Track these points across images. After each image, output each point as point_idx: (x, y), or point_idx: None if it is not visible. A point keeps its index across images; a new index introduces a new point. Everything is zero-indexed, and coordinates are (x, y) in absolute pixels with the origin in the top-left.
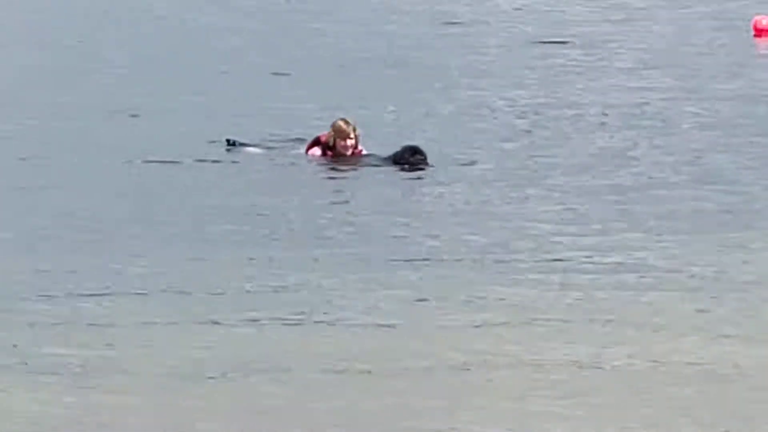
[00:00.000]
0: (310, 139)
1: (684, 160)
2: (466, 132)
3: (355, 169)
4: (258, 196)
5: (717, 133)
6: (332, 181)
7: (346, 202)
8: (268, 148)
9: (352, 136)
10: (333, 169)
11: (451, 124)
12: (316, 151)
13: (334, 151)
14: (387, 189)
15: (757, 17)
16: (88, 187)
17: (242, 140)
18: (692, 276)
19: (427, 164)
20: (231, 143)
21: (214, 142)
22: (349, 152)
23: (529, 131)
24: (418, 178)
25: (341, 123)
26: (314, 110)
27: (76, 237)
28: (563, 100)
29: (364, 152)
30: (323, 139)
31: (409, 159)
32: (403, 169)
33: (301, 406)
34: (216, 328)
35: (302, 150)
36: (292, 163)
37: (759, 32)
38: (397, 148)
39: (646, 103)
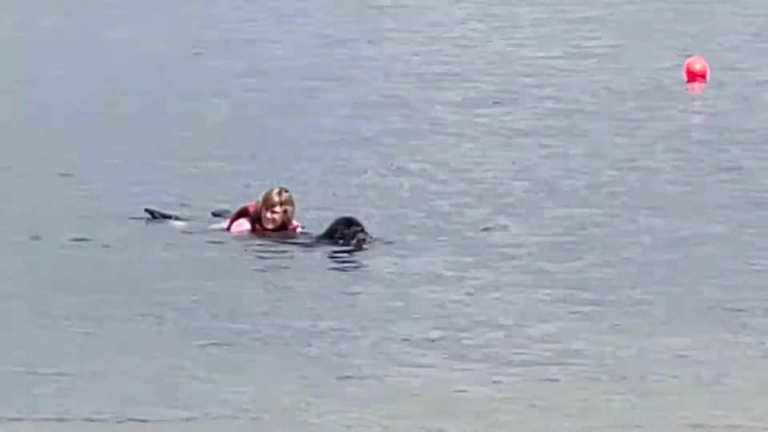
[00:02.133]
0: (234, 211)
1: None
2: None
3: (286, 246)
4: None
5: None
6: (256, 261)
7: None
8: (189, 220)
9: (278, 209)
10: (263, 246)
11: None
12: (244, 224)
13: (261, 224)
14: (318, 278)
15: (690, 60)
16: None
17: (162, 211)
18: None
19: (365, 236)
20: (152, 214)
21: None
22: (270, 226)
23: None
24: (353, 257)
25: (273, 191)
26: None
27: None
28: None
29: (300, 230)
30: (252, 210)
31: (344, 232)
32: (339, 245)
33: None
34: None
35: (225, 224)
36: (215, 241)
37: (692, 77)
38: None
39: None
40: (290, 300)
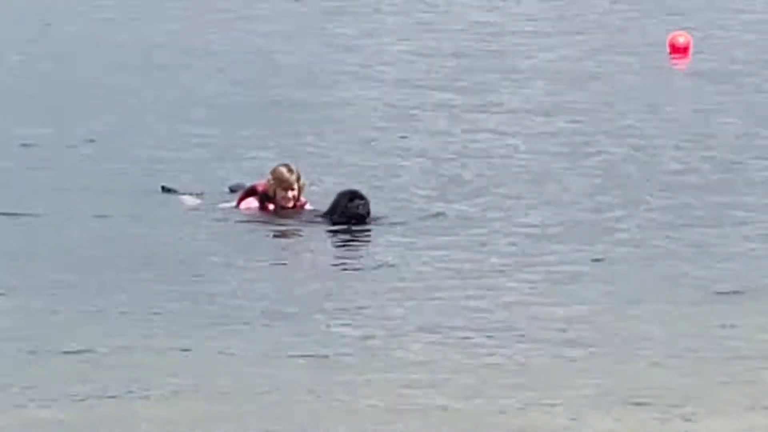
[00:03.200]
0: (243, 189)
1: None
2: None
3: (292, 228)
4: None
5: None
6: (265, 240)
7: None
8: (203, 197)
9: (294, 186)
10: (268, 226)
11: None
12: (252, 202)
13: (274, 202)
14: (326, 255)
15: (673, 34)
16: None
17: (176, 188)
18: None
19: (368, 211)
20: (166, 190)
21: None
22: (291, 204)
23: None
24: (358, 236)
25: (283, 170)
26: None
27: None
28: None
29: (308, 206)
30: (260, 188)
31: (347, 205)
32: (344, 221)
33: None
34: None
35: (233, 203)
36: (223, 218)
37: (676, 51)
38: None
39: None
40: (295, 279)
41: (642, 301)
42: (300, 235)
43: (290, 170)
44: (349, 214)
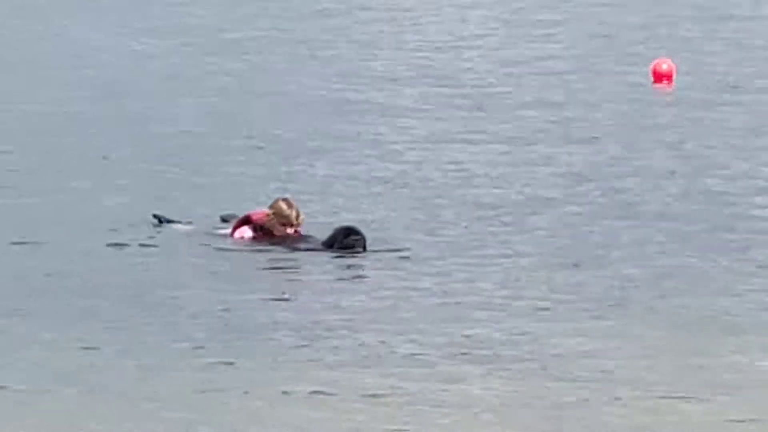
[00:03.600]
0: (237, 218)
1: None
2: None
3: (288, 255)
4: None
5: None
6: (265, 271)
7: (279, 298)
8: (194, 225)
9: (294, 222)
10: (265, 254)
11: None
12: (246, 232)
13: (271, 234)
14: (320, 278)
15: (656, 61)
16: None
17: (169, 217)
18: None
19: (364, 245)
20: (158, 219)
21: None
22: (287, 238)
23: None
24: (354, 266)
25: (283, 205)
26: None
27: None
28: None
29: (301, 233)
30: (255, 218)
31: (343, 241)
32: (338, 253)
33: None
34: None
35: (228, 230)
36: (219, 248)
37: (659, 78)
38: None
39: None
40: (290, 308)
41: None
42: (296, 264)
43: (289, 205)
44: (345, 248)
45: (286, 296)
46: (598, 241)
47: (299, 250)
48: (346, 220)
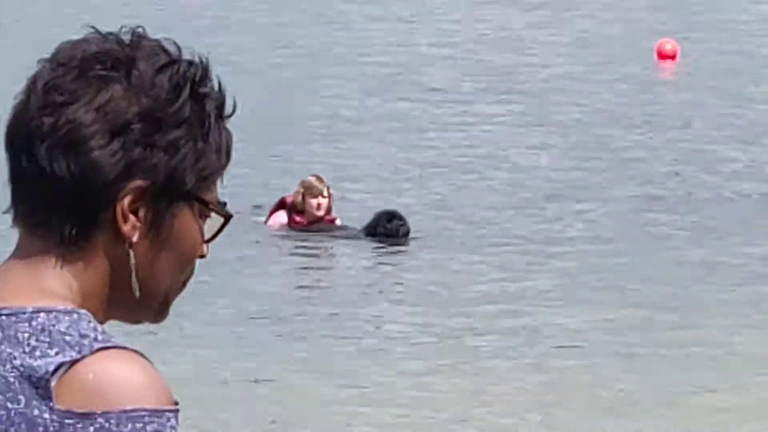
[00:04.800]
0: (272, 204)
1: None
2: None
3: (324, 242)
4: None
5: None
6: (298, 257)
7: (314, 285)
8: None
9: (324, 193)
10: (300, 242)
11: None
12: (281, 217)
13: (303, 214)
14: (361, 267)
15: (660, 41)
16: None
17: None
18: None
19: (407, 231)
20: None
21: None
22: (321, 213)
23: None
24: (396, 252)
25: (312, 179)
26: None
27: None
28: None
29: (338, 222)
30: (289, 200)
31: (386, 226)
32: (380, 240)
33: None
34: None
35: (263, 218)
36: (255, 240)
37: (663, 57)
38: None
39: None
40: (327, 295)
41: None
42: (332, 251)
43: (319, 179)
44: (388, 233)
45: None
46: (636, 229)
47: (336, 237)
48: (379, 206)
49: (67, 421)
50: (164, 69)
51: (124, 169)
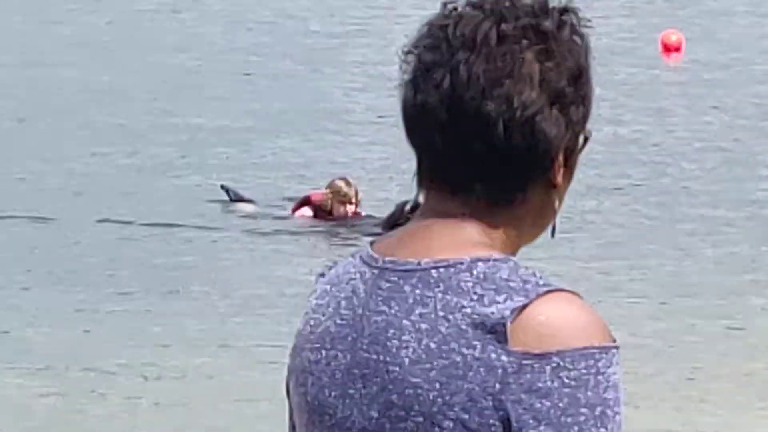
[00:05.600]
0: (298, 199)
1: None
2: None
3: (350, 235)
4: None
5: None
6: (323, 250)
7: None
8: (259, 204)
9: (353, 200)
10: (325, 235)
11: None
12: (306, 211)
13: (330, 215)
14: None
15: (665, 32)
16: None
17: (237, 191)
18: None
19: None
20: (225, 190)
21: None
22: (345, 217)
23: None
24: None
25: (341, 184)
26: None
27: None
28: None
29: (363, 213)
30: (315, 199)
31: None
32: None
33: None
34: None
35: (288, 211)
36: (279, 227)
37: (668, 49)
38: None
39: None
40: None
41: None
42: (357, 244)
43: (348, 183)
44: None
45: None
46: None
47: (360, 229)
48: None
49: (524, 362)
50: (563, 26)
51: (564, 130)
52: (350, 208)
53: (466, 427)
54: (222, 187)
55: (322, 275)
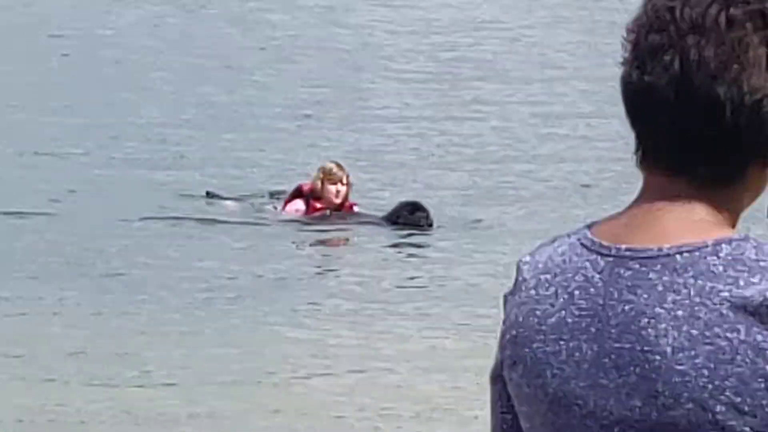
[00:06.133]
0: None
1: None
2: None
3: (343, 230)
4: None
5: None
6: (314, 246)
7: (330, 271)
8: (246, 201)
9: (343, 180)
10: (317, 230)
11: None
12: (298, 205)
13: (321, 200)
14: (380, 255)
15: None
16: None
17: (222, 193)
18: None
19: (429, 223)
20: (210, 196)
21: (189, 195)
22: (339, 201)
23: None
24: (418, 245)
25: (332, 165)
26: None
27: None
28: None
29: (357, 209)
30: (306, 187)
31: (408, 217)
32: (401, 229)
33: None
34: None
35: (279, 206)
36: (268, 224)
37: None
38: (394, 205)
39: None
40: (345, 284)
41: None
42: (350, 239)
43: (339, 166)
44: (410, 224)
45: None
46: None
47: (355, 223)
48: (401, 194)
49: None
50: None
51: None
52: (341, 189)
53: (738, 410)
54: (207, 193)
55: (525, 263)
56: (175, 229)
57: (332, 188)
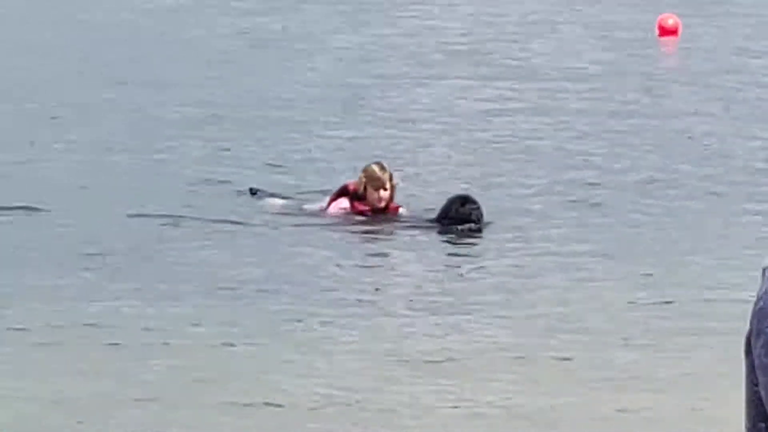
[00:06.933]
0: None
1: None
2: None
3: (388, 232)
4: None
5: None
6: (359, 245)
7: (371, 275)
8: (292, 199)
9: (387, 185)
10: (361, 229)
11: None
12: (343, 202)
13: (364, 201)
14: (429, 257)
15: (662, 16)
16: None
17: (266, 190)
18: None
19: (481, 216)
20: (254, 192)
21: (239, 191)
22: (382, 205)
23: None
24: (469, 244)
25: (375, 168)
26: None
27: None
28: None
29: (402, 210)
30: (352, 187)
31: (459, 210)
32: (451, 226)
33: None
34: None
35: (325, 203)
36: (312, 224)
37: (664, 33)
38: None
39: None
40: (391, 286)
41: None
42: (395, 240)
43: (382, 168)
44: (461, 217)
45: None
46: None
47: (401, 224)
48: (442, 192)
49: None
50: None
51: None
52: (384, 194)
53: None
54: (251, 190)
55: None
56: (215, 226)
57: (375, 194)
